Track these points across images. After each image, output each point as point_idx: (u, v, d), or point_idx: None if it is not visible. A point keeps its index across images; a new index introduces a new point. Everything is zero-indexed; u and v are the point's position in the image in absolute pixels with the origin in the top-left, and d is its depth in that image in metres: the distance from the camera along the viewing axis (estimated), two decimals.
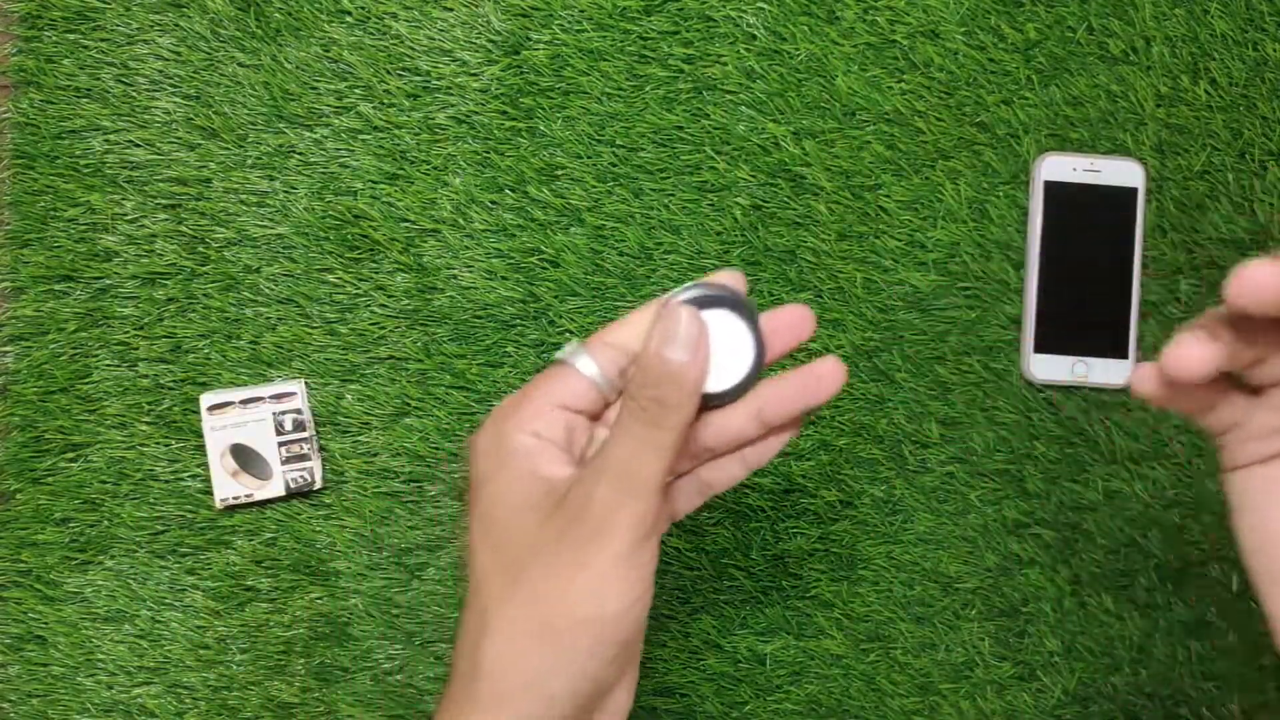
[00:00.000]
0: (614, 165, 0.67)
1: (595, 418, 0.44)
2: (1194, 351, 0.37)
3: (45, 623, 0.65)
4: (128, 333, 0.66)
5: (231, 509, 0.66)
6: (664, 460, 0.41)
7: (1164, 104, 0.67)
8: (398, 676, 0.66)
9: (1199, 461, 0.67)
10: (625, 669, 0.42)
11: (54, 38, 0.66)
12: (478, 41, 0.66)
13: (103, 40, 0.66)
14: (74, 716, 0.65)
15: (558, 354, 0.44)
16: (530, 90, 0.66)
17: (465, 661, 0.42)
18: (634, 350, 0.43)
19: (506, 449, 0.42)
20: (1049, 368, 0.66)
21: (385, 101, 0.66)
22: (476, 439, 0.43)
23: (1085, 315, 0.66)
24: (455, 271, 0.66)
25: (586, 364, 0.43)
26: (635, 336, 0.43)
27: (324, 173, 0.66)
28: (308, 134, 0.66)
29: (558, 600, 0.40)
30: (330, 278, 0.66)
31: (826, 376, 0.44)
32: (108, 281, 0.66)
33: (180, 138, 0.66)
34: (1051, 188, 0.66)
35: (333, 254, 0.66)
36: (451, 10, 0.66)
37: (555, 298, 0.66)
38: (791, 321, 0.44)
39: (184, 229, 0.66)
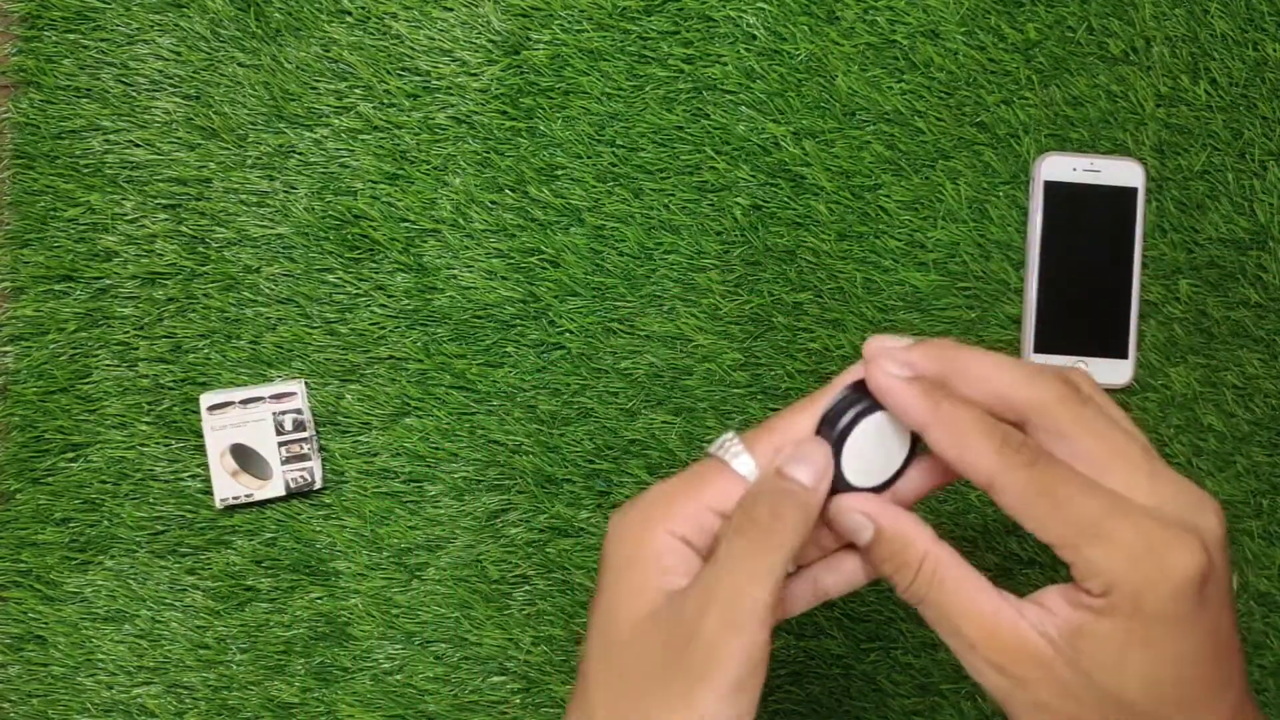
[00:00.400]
0: (614, 165, 0.67)
1: None
2: None
3: (45, 623, 0.65)
4: (128, 333, 0.66)
5: (231, 509, 0.66)
6: (771, 586, 0.39)
7: (1164, 104, 0.67)
8: (398, 676, 0.66)
9: (1199, 461, 0.67)
10: None
11: (54, 38, 0.66)
12: (478, 41, 0.66)
13: (103, 40, 0.66)
14: (74, 716, 0.65)
15: (713, 448, 0.42)
16: (530, 90, 0.66)
17: None
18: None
19: (649, 550, 0.41)
20: None
21: (385, 101, 0.66)
22: (618, 523, 0.42)
23: (1085, 315, 0.66)
24: (455, 271, 0.66)
25: (745, 463, 0.41)
26: (797, 434, 0.41)
27: (324, 173, 0.66)
28: (308, 134, 0.66)
29: None
30: (330, 278, 0.66)
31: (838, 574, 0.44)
32: (108, 281, 0.66)
33: (180, 138, 0.66)
34: (1051, 188, 0.66)
35: (333, 254, 0.66)
36: (451, 10, 0.66)
37: (555, 298, 0.66)
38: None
39: (184, 229, 0.66)
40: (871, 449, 0.42)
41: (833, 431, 0.41)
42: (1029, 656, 0.39)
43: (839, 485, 0.41)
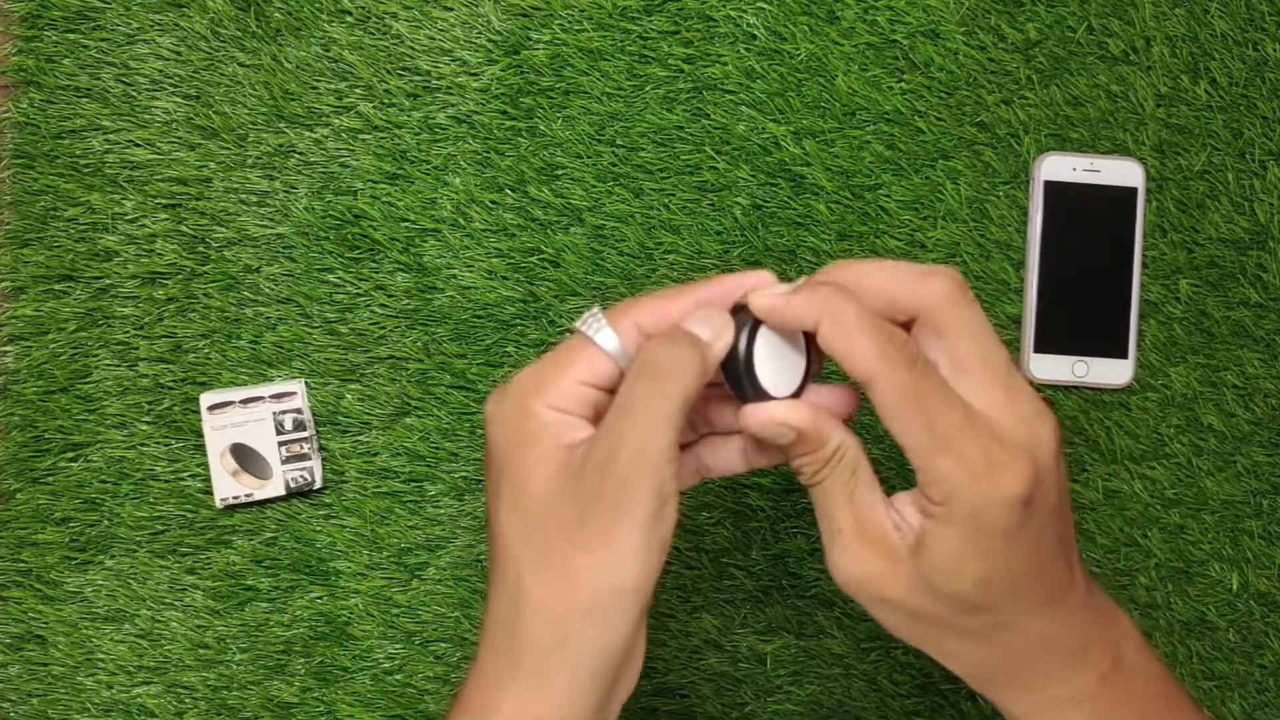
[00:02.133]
0: (614, 165, 0.67)
1: (614, 390, 0.44)
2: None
3: (45, 623, 0.65)
4: (128, 333, 0.66)
5: (231, 509, 0.66)
6: (673, 429, 0.42)
7: (1164, 104, 0.67)
8: (398, 676, 0.66)
9: (1199, 461, 0.67)
10: (640, 638, 0.44)
11: (54, 38, 0.66)
12: (478, 41, 0.66)
13: (103, 40, 0.66)
14: (74, 716, 0.65)
15: (580, 324, 0.44)
16: (530, 90, 0.66)
17: (501, 636, 0.43)
18: (655, 327, 0.44)
19: (533, 423, 0.42)
20: (1049, 367, 0.66)
21: (385, 101, 0.66)
22: (498, 410, 0.44)
23: (1085, 315, 0.66)
24: (455, 271, 0.66)
25: (609, 339, 0.43)
26: (665, 321, 0.44)
27: (324, 173, 0.66)
28: (308, 134, 0.66)
29: (589, 574, 0.41)
30: (330, 278, 0.66)
31: (749, 421, 0.45)
32: (108, 281, 0.66)
33: (180, 138, 0.66)
34: (1051, 188, 0.66)
35: (333, 254, 0.66)
36: (451, 10, 0.66)
37: (555, 298, 0.66)
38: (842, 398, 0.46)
39: (184, 229, 0.66)
40: (774, 363, 0.44)
41: (736, 351, 0.43)
42: (886, 550, 0.42)
43: (760, 396, 0.44)
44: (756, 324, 0.44)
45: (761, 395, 0.44)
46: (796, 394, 0.45)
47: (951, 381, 0.42)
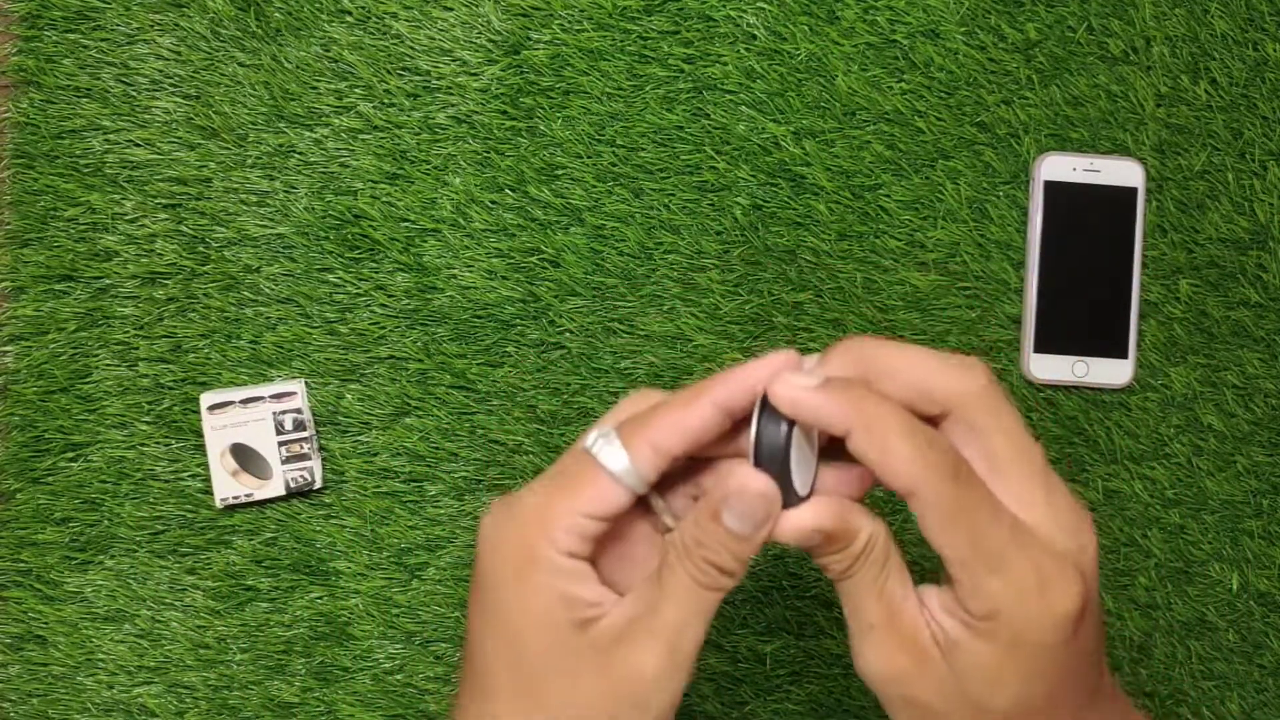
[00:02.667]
0: (614, 165, 0.67)
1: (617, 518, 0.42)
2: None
3: (45, 623, 0.65)
4: (128, 333, 0.66)
5: (231, 509, 0.66)
6: (708, 625, 0.40)
7: (1164, 104, 0.67)
8: (398, 676, 0.66)
9: (1199, 461, 0.67)
10: None
11: (54, 38, 0.66)
12: (478, 41, 0.66)
13: (103, 40, 0.66)
14: (74, 716, 0.65)
15: (590, 444, 0.40)
16: (530, 90, 0.66)
17: None
18: (679, 452, 0.40)
19: (533, 563, 0.40)
20: (1049, 367, 0.66)
21: (385, 101, 0.66)
22: (497, 538, 0.41)
23: (1085, 315, 0.66)
24: (455, 271, 0.66)
25: (621, 464, 0.40)
26: (684, 436, 0.40)
27: (324, 173, 0.66)
28: (308, 134, 0.66)
29: None
30: (330, 278, 0.66)
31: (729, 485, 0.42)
32: (108, 281, 0.66)
33: (180, 138, 0.66)
34: (1051, 188, 0.66)
35: (333, 254, 0.66)
36: (451, 10, 0.66)
37: (555, 298, 0.66)
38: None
39: (184, 229, 0.66)
40: (798, 460, 0.40)
41: (775, 459, 0.39)
42: (918, 650, 0.40)
43: (788, 501, 0.40)
44: (789, 427, 0.39)
45: (792, 498, 0.40)
46: (811, 488, 0.41)
47: (988, 482, 0.39)
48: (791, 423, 0.39)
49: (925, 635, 0.40)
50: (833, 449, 0.41)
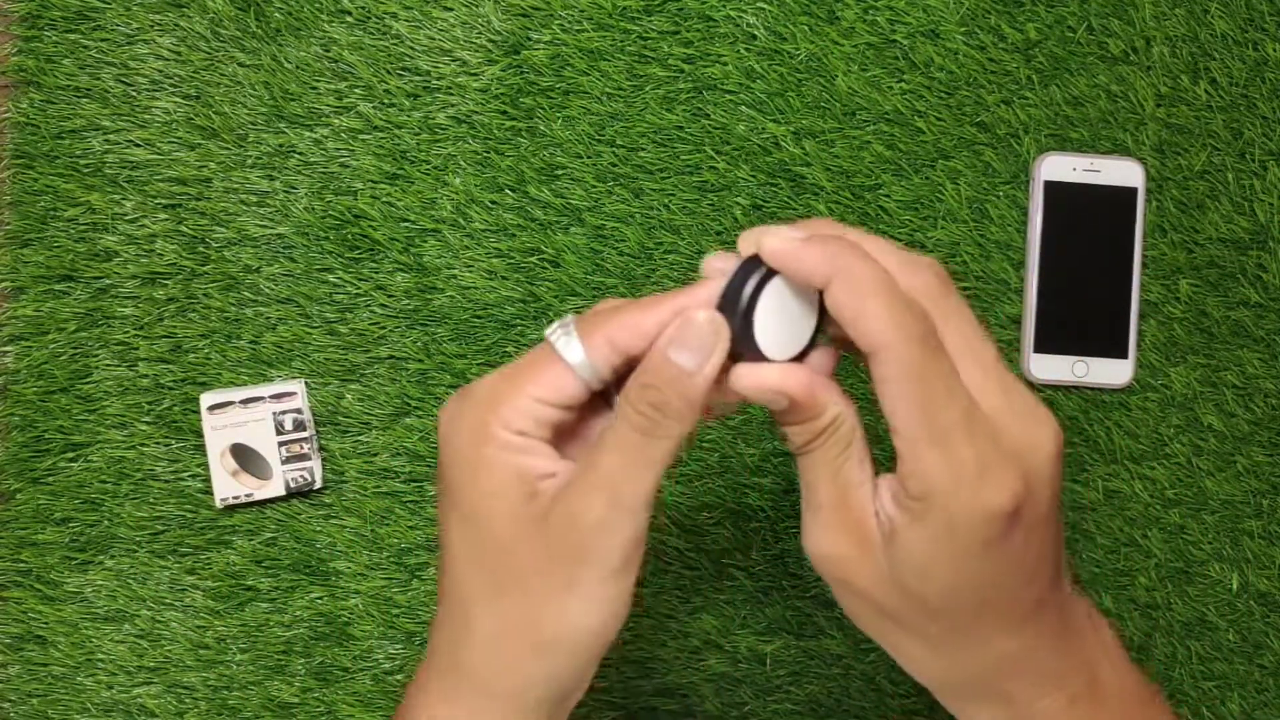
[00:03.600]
0: (614, 165, 0.67)
1: (575, 408, 0.42)
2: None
3: (45, 623, 0.65)
4: (128, 333, 0.66)
5: (231, 509, 0.66)
6: (656, 475, 0.40)
7: (1164, 104, 0.67)
8: (398, 676, 0.66)
9: (1199, 461, 0.67)
10: (593, 668, 0.43)
11: (54, 38, 0.66)
12: (478, 41, 0.66)
13: (103, 40, 0.66)
14: (74, 716, 0.65)
15: (548, 332, 0.41)
16: (530, 90, 0.66)
17: (445, 656, 0.42)
18: (635, 351, 0.40)
19: (490, 449, 0.40)
20: (1049, 367, 0.66)
21: (385, 101, 0.66)
22: (452, 427, 0.41)
23: (1085, 315, 0.66)
24: (455, 271, 0.66)
25: (575, 353, 0.40)
26: (641, 337, 0.40)
27: (324, 173, 0.66)
28: (308, 134, 0.66)
29: (546, 615, 0.40)
30: (330, 278, 0.66)
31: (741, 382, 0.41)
32: (108, 281, 0.66)
33: (180, 138, 0.66)
34: (1051, 188, 0.66)
35: (333, 254, 0.66)
36: (451, 10, 0.66)
37: (555, 298, 0.66)
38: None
39: (184, 229, 0.66)
40: (777, 321, 0.40)
41: (737, 305, 0.39)
42: (861, 535, 0.40)
43: (754, 357, 0.40)
44: (767, 275, 0.39)
45: (756, 355, 0.40)
46: (799, 358, 0.41)
47: None
48: (764, 277, 0.39)
49: (871, 522, 0.40)
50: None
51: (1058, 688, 0.41)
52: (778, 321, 0.40)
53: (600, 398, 0.43)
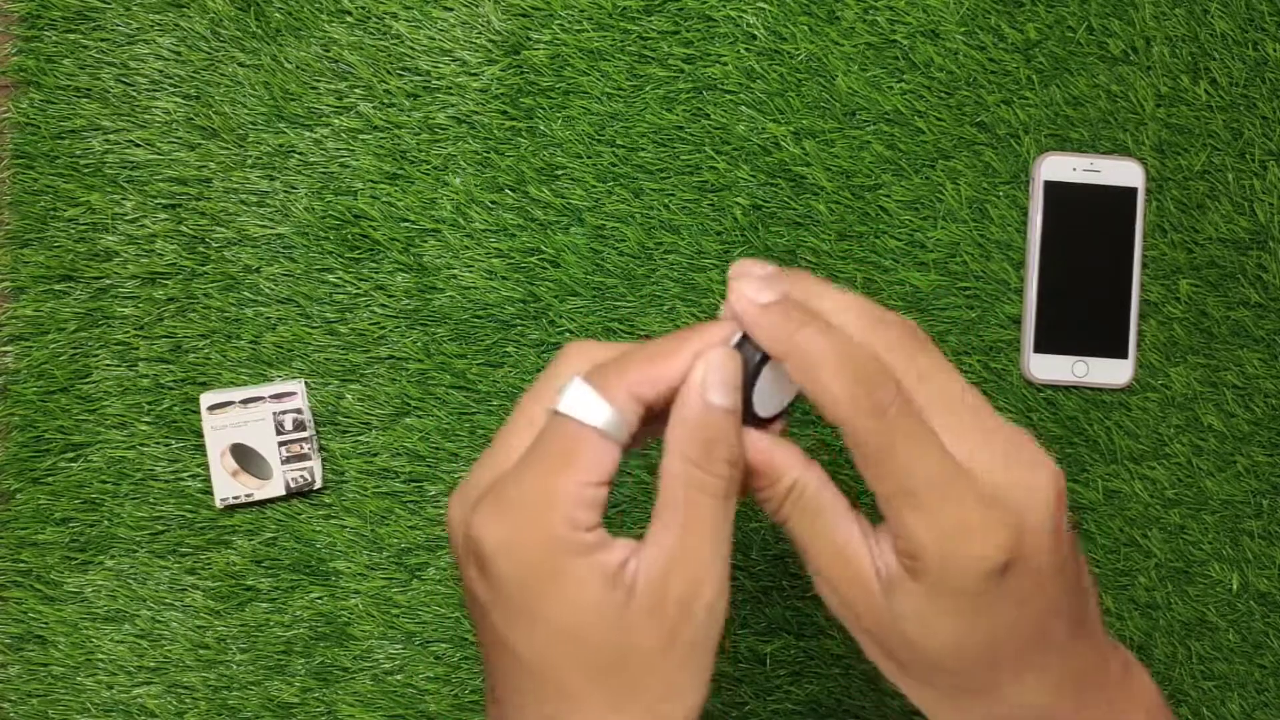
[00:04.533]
0: (614, 165, 0.67)
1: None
2: None
3: (45, 623, 0.65)
4: (128, 333, 0.66)
5: (231, 509, 0.66)
6: (731, 536, 0.39)
7: (1164, 104, 0.67)
8: (398, 676, 0.66)
9: (1199, 461, 0.67)
10: None
11: (54, 38, 0.66)
12: (478, 41, 0.66)
13: (103, 40, 0.66)
14: (74, 716, 0.65)
15: (566, 405, 0.38)
16: (530, 90, 0.66)
17: None
18: (655, 400, 0.38)
19: (571, 552, 0.37)
20: (1049, 367, 0.66)
21: (385, 101, 0.66)
22: (508, 539, 0.37)
23: (1085, 315, 0.66)
24: (455, 271, 0.66)
25: (604, 416, 0.37)
26: (663, 384, 0.38)
27: (324, 173, 0.66)
28: (308, 134, 0.66)
29: (674, 711, 0.38)
30: (330, 278, 0.66)
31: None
32: (108, 281, 0.66)
33: (180, 138, 0.66)
34: (1051, 188, 0.66)
35: (333, 254, 0.66)
36: (451, 10, 0.66)
37: (555, 298, 0.66)
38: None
39: (184, 229, 0.66)
40: (771, 385, 0.40)
41: (746, 370, 0.39)
42: (863, 586, 0.39)
43: (751, 419, 0.40)
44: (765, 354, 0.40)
45: (751, 419, 0.40)
46: (774, 419, 0.41)
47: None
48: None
49: (870, 575, 0.39)
50: None
51: None
52: (772, 383, 0.40)
53: None
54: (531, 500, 0.37)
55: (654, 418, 0.40)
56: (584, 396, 0.37)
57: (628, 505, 0.66)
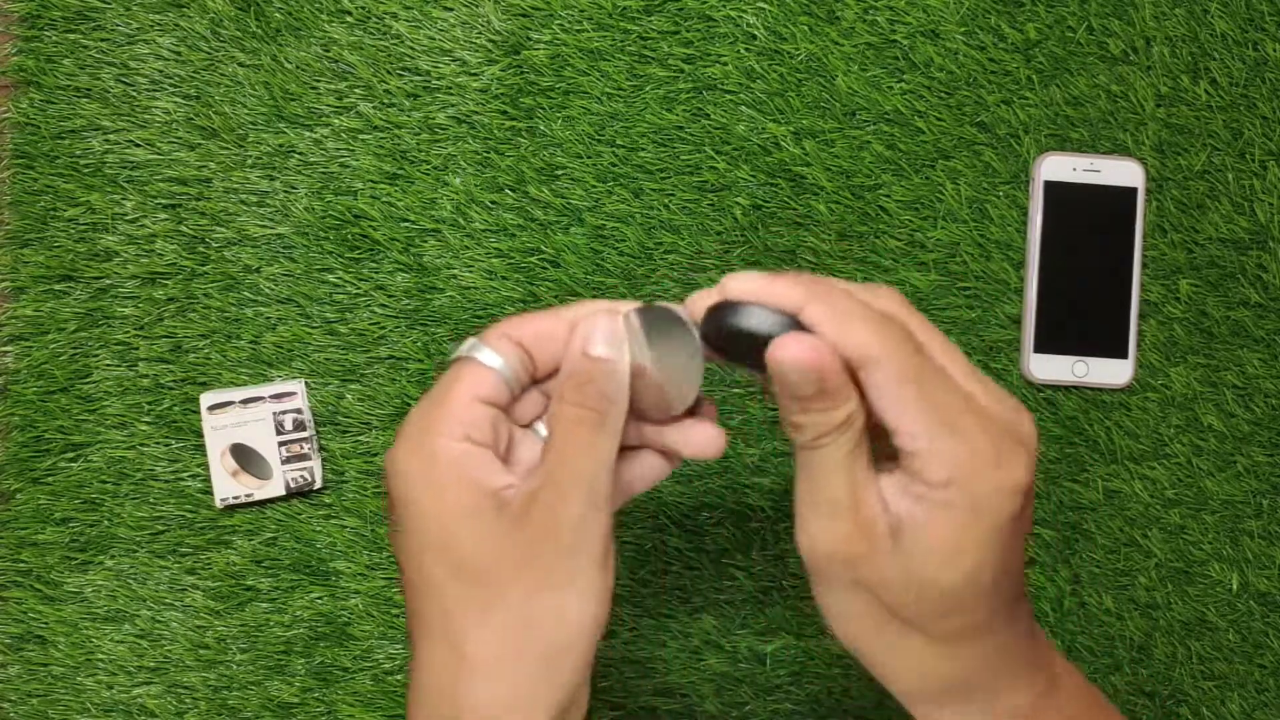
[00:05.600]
0: (614, 165, 0.67)
1: (507, 412, 0.43)
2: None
3: (45, 623, 0.65)
4: (128, 333, 0.66)
5: (231, 509, 0.66)
6: (612, 463, 0.41)
7: (1164, 104, 0.67)
8: (398, 676, 0.66)
9: (1199, 461, 0.67)
10: (586, 686, 0.43)
11: (54, 38, 0.66)
12: (478, 41, 0.66)
13: (103, 40, 0.66)
14: (74, 716, 0.65)
15: (457, 351, 0.43)
16: (530, 90, 0.66)
17: (440, 699, 0.41)
18: (538, 349, 0.43)
19: (442, 461, 0.40)
20: (1049, 367, 0.66)
21: (385, 101, 0.66)
22: (398, 456, 0.41)
23: (1085, 315, 0.66)
24: (455, 271, 0.66)
25: (491, 356, 0.42)
26: (541, 335, 0.42)
27: (324, 173, 0.66)
28: (308, 134, 0.66)
29: (546, 617, 0.40)
30: (330, 278, 0.66)
31: (697, 445, 0.44)
32: (108, 281, 0.66)
33: (180, 138, 0.66)
34: (1051, 188, 0.66)
35: (333, 254, 0.66)
36: (451, 10, 0.66)
37: (555, 298, 0.66)
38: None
39: (184, 229, 0.66)
40: (668, 369, 0.42)
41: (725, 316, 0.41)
42: (872, 534, 0.40)
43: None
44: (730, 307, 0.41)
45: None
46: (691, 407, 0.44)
47: None
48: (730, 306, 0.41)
49: (880, 519, 0.40)
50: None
51: (1029, 684, 0.42)
52: (672, 360, 0.42)
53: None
54: (419, 424, 0.41)
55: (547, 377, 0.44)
56: (469, 343, 0.42)
57: (627, 505, 0.66)
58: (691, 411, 0.44)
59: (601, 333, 0.41)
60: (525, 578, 0.40)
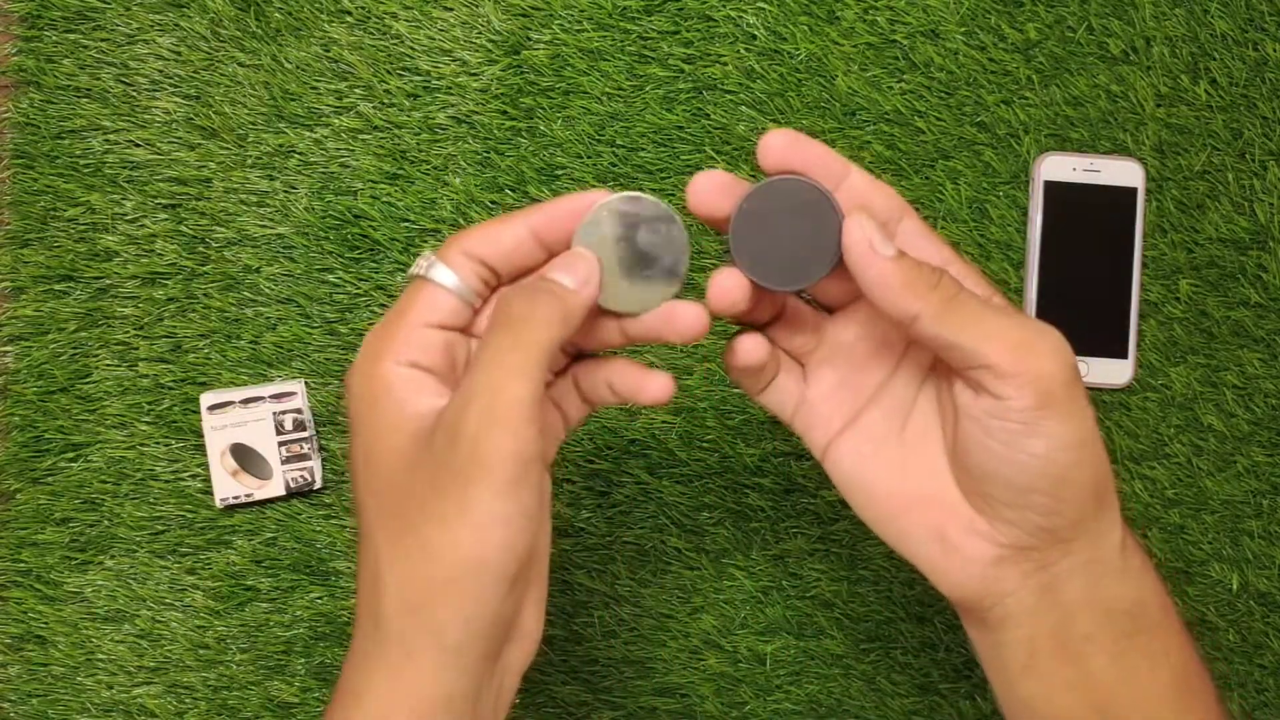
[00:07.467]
0: (614, 165, 0.67)
1: (467, 331, 0.42)
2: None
3: (45, 623, 0.65)
4: (128, 333, 0.66)
5: (231, 509, 0.66)
6: (531, 380, 0.39)
7: (1164, 104, 0.67)
8: None
9: (1199, 461, 0.67)
10: (524, 597, 0.41)
11: (54, 38, 0.66)
12: (478, 41, 0.66)
13: (103, 40, 0.66)
14: (74, 716, 0.65)
15: (412, 269, 0.42)
16: (530, 90, 0.66)
17: (367, 618, 0.41)
18: (497, 261, 0.42)
19: (380, 385, 0.40)
20: None
21: (385, 101, 0.66)
22: (351, 378, 0.41)
23: (1085, 315, 0.66)
24: None
25: (445, 274, 0.41)
26: (494, 241, 0.42)
27: (324, 173, 0.66)
28: (308, 134, 0.66)
29: (441, 547, 0.39)
30: (330, 278, 0.66)
31: (682, 323, 0.43)
32: (108, 281, 0.66)
33: (180, 138, 0.66)
34: (1051, 188, 0.66)
35: (333, 254, 0.66)
36: (451, 10, 0.66)
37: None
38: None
39: (184, 229, 0.66)
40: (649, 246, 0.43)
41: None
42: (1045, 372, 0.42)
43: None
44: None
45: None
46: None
47: None
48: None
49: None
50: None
51: (1111, 535, 0.44)
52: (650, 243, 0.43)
53: None
54: (371, 346, 0.41)
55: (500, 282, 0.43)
56: (424, 260, 0.41)
57: (627, 505, 0.66)
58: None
59: (577, 262, 0.42)
60: (424, 505, 0.39)
